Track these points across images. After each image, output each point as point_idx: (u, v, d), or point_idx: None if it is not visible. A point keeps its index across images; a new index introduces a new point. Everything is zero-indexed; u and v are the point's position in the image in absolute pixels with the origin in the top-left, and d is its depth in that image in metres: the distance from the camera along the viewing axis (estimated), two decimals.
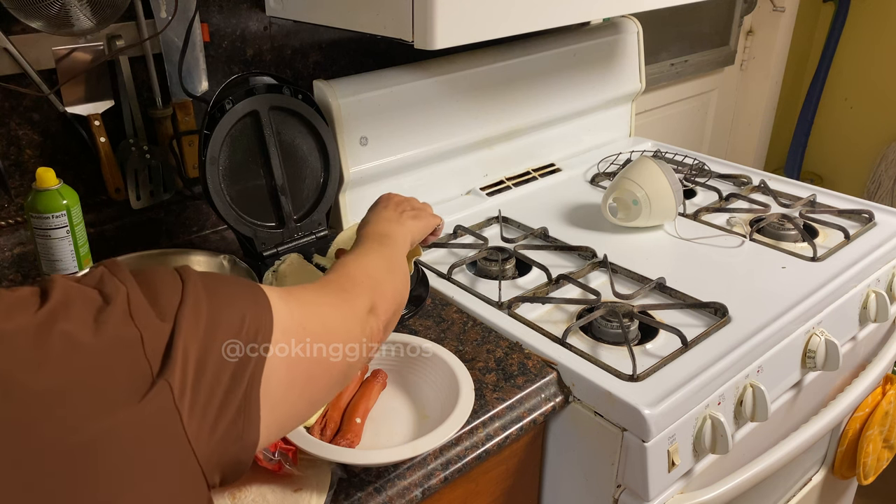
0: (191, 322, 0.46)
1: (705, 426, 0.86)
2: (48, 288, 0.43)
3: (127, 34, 1.02)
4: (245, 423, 0.47)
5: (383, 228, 0.80)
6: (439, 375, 0.83)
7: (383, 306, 0.66)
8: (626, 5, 1.17)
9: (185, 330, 0.45)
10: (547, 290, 1.04)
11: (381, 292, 0.67)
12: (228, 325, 0.48)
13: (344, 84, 1.12)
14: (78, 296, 0.43)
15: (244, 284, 0.53)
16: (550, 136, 1.46)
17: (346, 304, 0.62)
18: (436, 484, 0.75)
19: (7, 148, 0.99)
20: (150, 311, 0.45)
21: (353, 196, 1.16)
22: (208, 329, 0.46)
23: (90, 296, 0.44)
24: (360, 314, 0.62)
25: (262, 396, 0.49)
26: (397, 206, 0.86)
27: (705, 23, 2.14)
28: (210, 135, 0.95)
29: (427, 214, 0.88)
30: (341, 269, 0.68)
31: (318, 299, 0.60)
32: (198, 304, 0.47)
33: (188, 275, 0.49)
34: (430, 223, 0.87)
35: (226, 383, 0.46)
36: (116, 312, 0.43)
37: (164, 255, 1.02)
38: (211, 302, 0.48)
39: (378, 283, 0.68)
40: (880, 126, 2.33)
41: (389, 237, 0.79)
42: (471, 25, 0.90)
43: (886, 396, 1.30)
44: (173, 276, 0.48)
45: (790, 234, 1.18)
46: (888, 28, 2.25)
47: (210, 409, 0.45)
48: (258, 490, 0.69)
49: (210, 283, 0.49)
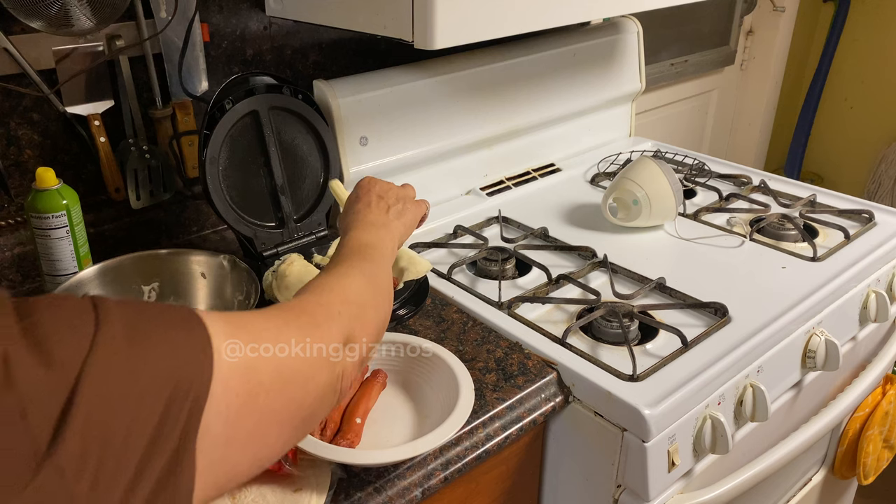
0: (99, 377, 0.36)
1: (705, 426, 0.86)
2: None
3: (127, 34, 1.02)
4: (174, 491, 0.39)
5: (368, 237, 0.72)
6: (439, 375, 0.83)
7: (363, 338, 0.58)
8: (626, 5, 1.17)
9: (90, 387, 0.36)
10: (547, 290, 1.04)
11: (363, 322, 0.59)
12: (152, 377, 0.39)
13: (344, 84, 1.12)
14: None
15: (177, 319, 0.43)
16: (550, 136, 1.46)
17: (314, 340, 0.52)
18: (436, 484, 0.75)
19: (7, 148, 0.99)
20: (37, 369, 0.35)
21: None
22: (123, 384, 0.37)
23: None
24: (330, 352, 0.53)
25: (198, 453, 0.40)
26: (380, 201, 0.78)
27: (705, 23, 2.14)
28: (210, 135, 0.95)
29: (412, 205, 0.80)
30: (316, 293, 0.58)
31: (276, 335, 0.49)
32: (111, 354, 0.37)
33: (106, 312, 0.39)
34: (416, 215, 0.80)
35: (143, 450, 0.37)
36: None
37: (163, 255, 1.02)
38: (131, 348, 0.38)
39: (360, 309, 0.59)
40: (880, 126, 2.33)
41: (375, 249, 0.70)
42: (471, 25, 0.90)
43: (886, 396, 1.30)
44: (84, 314, 0.38)
45: (790, 234, 1.18)
46: (888, 28, 2.25)
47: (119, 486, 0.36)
48: (258, 490, 0.69)
49: (132, 318, 0.40)
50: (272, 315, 0.52)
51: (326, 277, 0.62)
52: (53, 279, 0.95)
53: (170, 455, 0.39)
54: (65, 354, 0.36)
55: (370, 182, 0.81)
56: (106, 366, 0.37)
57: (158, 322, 0.42)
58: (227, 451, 0.43)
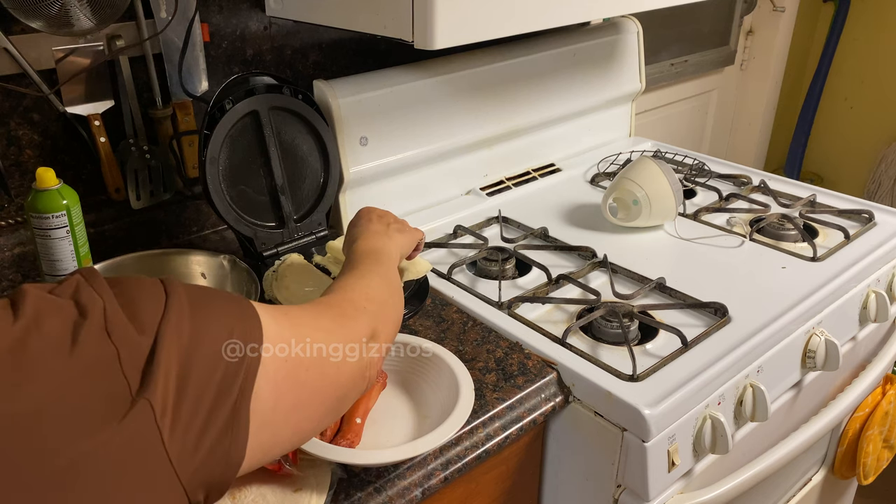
0: (173, 336, 0.43)
1: (705, 426, 0.86)
2: (19, 301, 0.41)
3: (127, 34, 1.02)
4: (232, 441, 0.45)
5: (375, 244, 0.77)
6: (439, 375, 0.83)
7: (385, 333, 0.63)
8: (626, 5, 1.17)
9: (167, 344, 0.43)
10: (547, 290, 1.04)
11: (384, 318, 0.64)
12: (214, 338, 0.46)
13: (344, 84, 1.12)
14: (51, 310, 0.41)
15: (233, 299, 0.50)
16: (550, 136, 1.46)
17: (345, 329, 0.59)
18: (436, 484, 0.75)
19: (7, 148, 0.99)
20: (128, 325, 0.42)
21: (353, 196, 1.16)
22: (192, 343, 0.44)
23: (65, 309, 0.42)
24: (360, 342, 0.59)
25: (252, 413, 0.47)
26: (381, 219, 0.84)
27: (705, 23, 2.14)
28: (210, 135, 0.95)
29: (409, 228, 0.86)
30: (341, 292, 0.65)
31: (314, 322, 0.57)
32: (181, 317, 0.45)
33: (172, 286, 0.47)
34: (413, 237, 0.86)
35: (210, 399, 0.44)
36: (93, 328, 0.41)
37: (164, 255, 1.02)
38: (195, 315, 0.45)
39: (381, 307, 0.65)
40: (880, 126, 2.34)
41: (383, 253, 0.76)
42: (471, 25, 0.90)
43: (886, 396, 1.30)
44: (156, 286, 0.46)
45: (790, 234, 1.18)
46: (888, 28, 2.25)
47: (193, 427, 0.43)
48: (258, 490, 0.69)
49: (195, 295, 0.47)
50: (306, 307, 0.59)
51: (346, 279, 0.68)
52: (53, 279, 0.95)
53: (230, 408, 0.45)
54: (146, 315, 0.43)
55: (370, 208, 0.88)
56: (177, 326, 0.44)
57: (214, 296, 0.49)
58: (273, 415, 0.49)
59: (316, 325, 0.56)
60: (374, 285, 0.68)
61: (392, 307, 0.68)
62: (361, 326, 0.61)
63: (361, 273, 0.70)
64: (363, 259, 0.74)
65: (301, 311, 0.57)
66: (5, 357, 0.38)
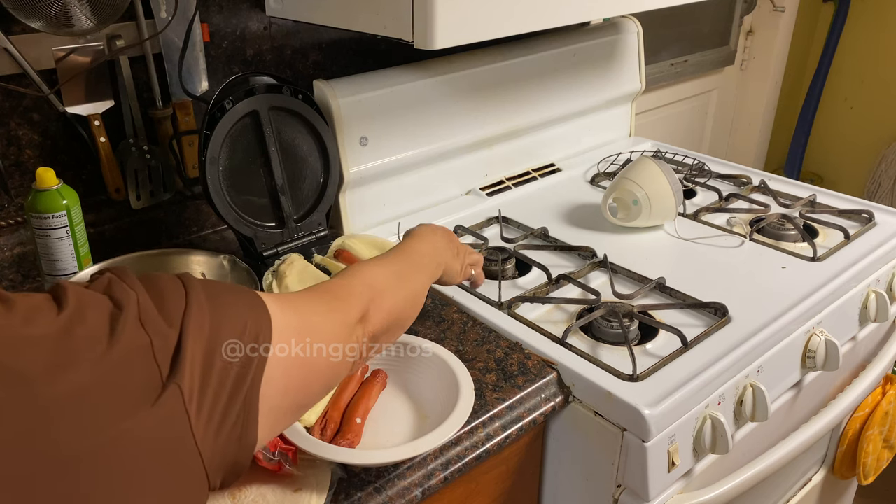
0: (195, 327, 0.47)
1: (705, 426, 0.86)
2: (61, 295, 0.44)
3: (127, 34, 1.02)
4: (245, 425, 0.49)
5: (422, 247, 0.79)
6: (439, 375, 0.83)
7: (376, 317, 0.65)
8: (626, 5, 1.17)
9: (192, 335, 0.46)
10: (547, 290, 1.04)
11: (378, 303, 0.66)
12: (231, 329, 0.49)
13: (344, 84, 1.12)
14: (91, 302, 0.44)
15: (242, 291, 0.54)
16: (550, 136, 1.46)
17: (336, 312, 0.62)
18: (436, 484, 0.75)
19: (7, 148, 0.99)
20: (158, 317, 0.46)
21: (353, 196, 1.16)
22: (212, 334, 0.48)
23: (102, 302, 0.45)
24: (350, 322, 0.62)
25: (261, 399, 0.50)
26: (450, 241, 0.85)
27: (705, 23, 2.14)
28: (210, 135, 0.95)
29: (470, 258, 0.89)
30: (341, 276, 0.68)
31: (309, 307, 0.60)
32: (201, 310, 0.48)
33: (190, 282, 0.50)
34: (467, 268, 0.88)
35: (229, 386, 0.48)
36: (129, 319, 0.44)
37: (164, 255, 1.02)
38: (213, 308, 0.49)
39: (378, 293, 0.67)
40: (880, 126, 2.33)
41: (421, 255, 0.78)
42: (471, 25, 0.90)
43: (886, 396, 1.30)
44: (176, 282, 0.49)
45: (790, 234, 1.18)
46: (888, 28, 2.25)
47: (215, 412, 0.46)
48: (258, 490, 0.69)
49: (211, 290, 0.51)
50: (303, 293, 0.63)
51: (359, 265, 0.71)
52: (54, 279, 0.95)
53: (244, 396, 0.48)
54: (171, 307, 0.47)
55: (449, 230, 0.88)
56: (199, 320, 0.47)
57: (226, 289, 0.53)
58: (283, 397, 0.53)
59: (311, 310, 0.60)
60: (379, 273, 0.70)
61: (391, 296, 0.69)
62: (354, 309, 0.63)
63: (376, 262, 0.73)
64: (395, 251, 0.77)
65: (297, 296, 0.61)
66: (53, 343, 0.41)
